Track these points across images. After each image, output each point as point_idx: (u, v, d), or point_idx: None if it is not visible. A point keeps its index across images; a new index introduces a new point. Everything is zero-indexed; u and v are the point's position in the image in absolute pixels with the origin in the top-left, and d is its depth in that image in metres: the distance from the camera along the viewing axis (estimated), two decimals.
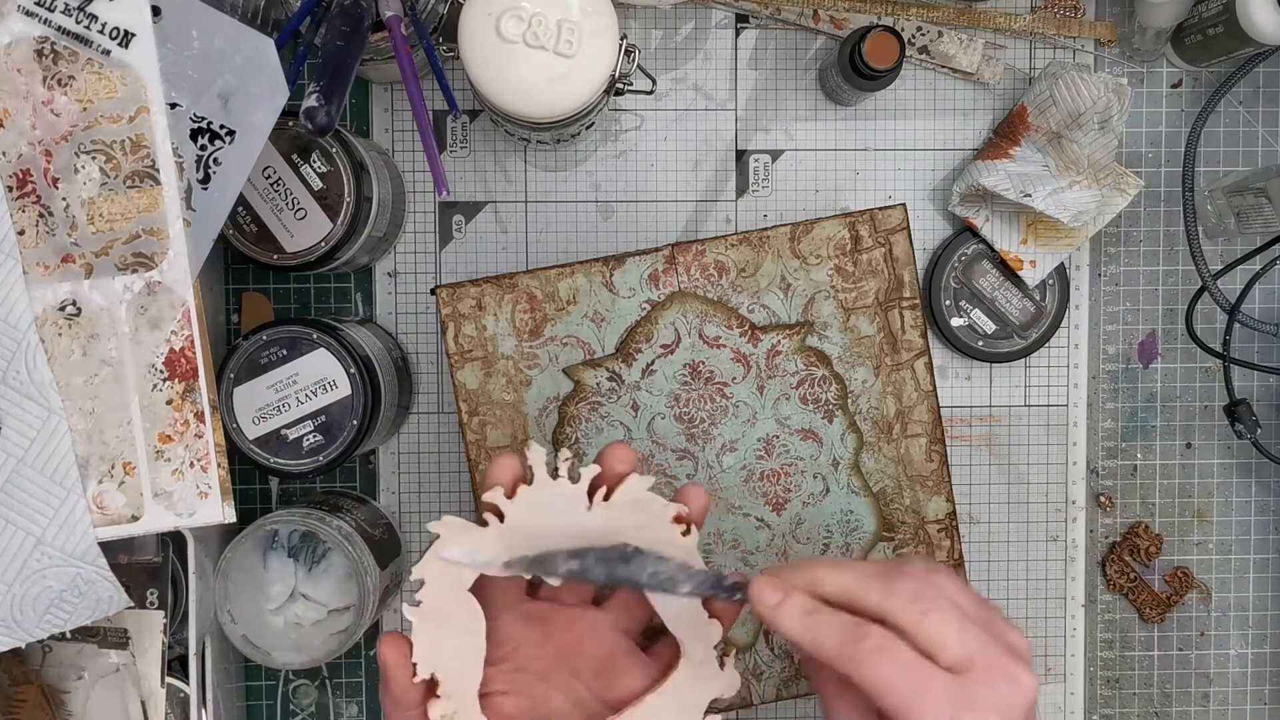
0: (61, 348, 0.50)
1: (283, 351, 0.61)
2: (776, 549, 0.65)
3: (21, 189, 0.49)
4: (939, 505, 0.65)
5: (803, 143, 0.72)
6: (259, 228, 0.61)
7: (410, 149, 0.71)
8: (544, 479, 0.47)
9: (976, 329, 0.71)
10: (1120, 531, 0.74)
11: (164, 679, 0.63)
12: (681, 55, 0.71)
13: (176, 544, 0.63)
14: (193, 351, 0.50)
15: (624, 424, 0.64)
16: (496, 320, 0.64)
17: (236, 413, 0.61)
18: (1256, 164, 0.73)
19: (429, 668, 0.46)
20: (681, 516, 0.48)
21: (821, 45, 0.71)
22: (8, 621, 0.50)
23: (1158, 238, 0.73)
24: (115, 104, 0.49)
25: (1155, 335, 0.73)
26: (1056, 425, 0.73)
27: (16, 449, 0.49)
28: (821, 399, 0.65)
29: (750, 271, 0.64)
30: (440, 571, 0.47)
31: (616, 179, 0.71)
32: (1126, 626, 0.74)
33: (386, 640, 0.47)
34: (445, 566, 0.47)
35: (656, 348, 0.64)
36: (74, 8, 0.48)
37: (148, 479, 0.50)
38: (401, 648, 0.46)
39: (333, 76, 0.53)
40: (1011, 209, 0.70)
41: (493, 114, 0.63)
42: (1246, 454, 0.74)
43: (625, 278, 0.64)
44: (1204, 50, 0.69)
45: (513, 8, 0.55)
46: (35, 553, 0.50)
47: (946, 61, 0.70)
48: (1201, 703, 0.74)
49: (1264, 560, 0.74)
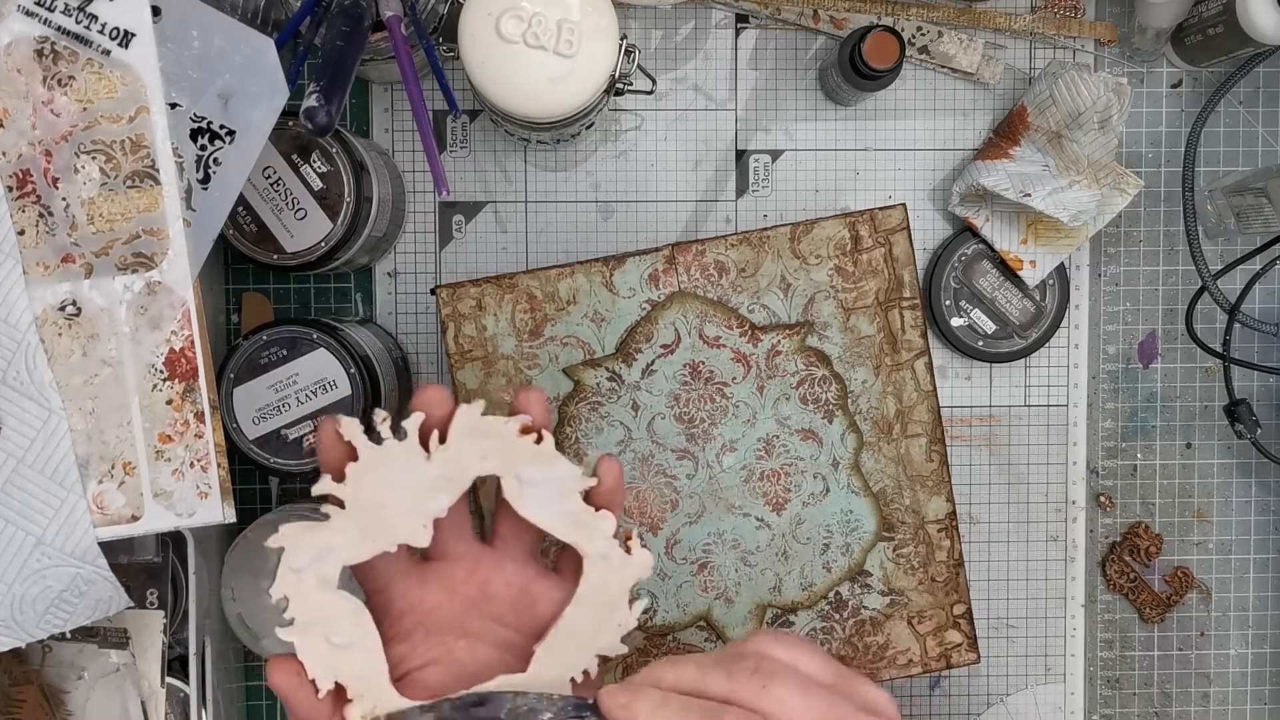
0: (61, 348, 0.50)
1: (283, 351, 0.61)
2: (776, 549, 0.65)
3: (21, 189, 0.49)
4: (939, 505, 0.65)
5: (803, 143, 0.72)
6: (259, 228, 0.61)
7: (410, 149, 0.71)
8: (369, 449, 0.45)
9: (976, 329, 0.71)
10: (1120, 531, 0.74)
11: (164, 679, 0.63)
12: (681, 55, 0.71)
13: (176, 544, 0.63)
14: (193, 351, 0.50)
15: (624, 424, 0.64)
16: (496, 320, 0.64)
17: (236, 413, 0.61)
18: (1256, 164, 0.73)
19: (329, 678, 0.44)
20: (528, 426, 0.46)
21: (821, 45, 0.71)
22: (8, 621, 0.50)
23: (1158, 238, 0.73)
24: (115, 104, 0.49)
25: (1155, 335, 0.73)
26: (1056, 425, 0.73)
27: (16, 449, 0.49)
28: (821, 399, 0.65)
29: (750, 271, 0.64)
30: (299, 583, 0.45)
31: (616, 179, 0.71)
32: (1126, 626, 0.74)
33: (274, 667, 0.44)
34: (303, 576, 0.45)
35: (656, 348, 0.64)
36: (74, 8, 0.48)
37: (148, 479, 0.50)
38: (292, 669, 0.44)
39: (333, 76, 0.53)
40: (1011, 209, 0.70)
41: (493, 114, 0.63)
42: (1246, 454, 0.74)
43: (625, 278, 0.64)
44: (1204, 50, 0.69)
45: (513, 8, 0.55)
46: (35, 553, 0.50)
47: (946, 61, 0.70)
48: (1201, 703, 0.74)
49: (1264, 560, 0.74)
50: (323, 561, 0.45)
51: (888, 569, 0.65)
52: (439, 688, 0.46)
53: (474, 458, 0.46)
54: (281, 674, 0.44)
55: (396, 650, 0.47)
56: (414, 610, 0.47)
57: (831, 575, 0.65)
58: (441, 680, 0.46)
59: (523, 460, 0.46)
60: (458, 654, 0.47)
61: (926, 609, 0.66)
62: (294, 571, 0.45)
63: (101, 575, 0.51)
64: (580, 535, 0.47)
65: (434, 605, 0.47)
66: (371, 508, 0.45)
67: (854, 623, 0.65)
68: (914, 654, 0.66)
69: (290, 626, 0.44)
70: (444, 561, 0.48)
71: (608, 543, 0.47)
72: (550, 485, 0.46)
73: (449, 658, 0.47)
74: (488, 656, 0.47)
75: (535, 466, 0.46)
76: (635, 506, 0.65)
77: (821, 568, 0.65)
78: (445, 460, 0.45)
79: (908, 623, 0.66)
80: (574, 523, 0.47)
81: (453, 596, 0.47)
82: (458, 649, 0.47)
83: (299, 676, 0.44)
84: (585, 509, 0.47)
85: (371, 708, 0.45)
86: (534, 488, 0.46)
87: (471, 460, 0.46)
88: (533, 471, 0.46)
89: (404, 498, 0.45)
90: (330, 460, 0.45)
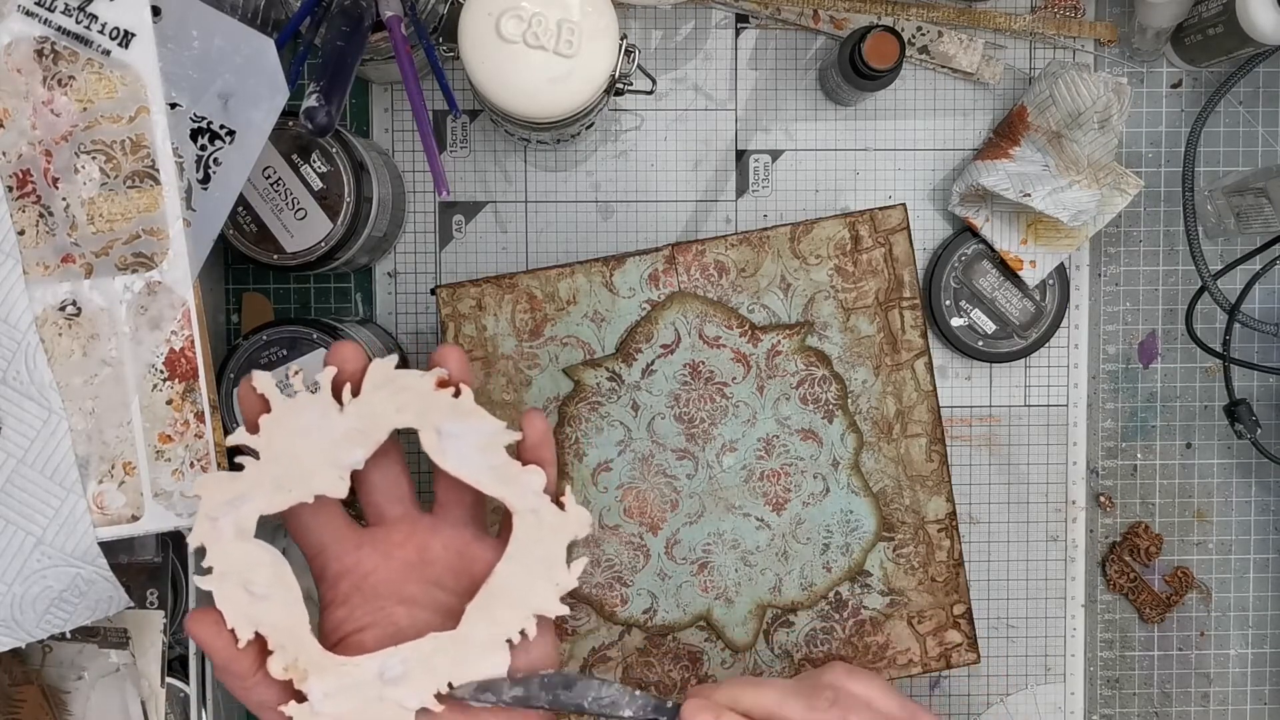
0: (61, 348, 0.50)
1: (283, 351, 0.61)
2: (776, 549, 0.65)
3: (21, 189, 0.49)
4: (939, 505, 0.65)
5: (803, 143, 0.72)
6: (259, 228, 0.61)
7: (410, 149, 0.71)
8: (280, 401, 0.45)
9: (976, 329, 0.71)
10: (1120, 531, 0.74)
11: (164, 679, 0.63)
12: (681, 55, 0.71)
13: (176, 544, 0.63)
14: (193, 351, 0.50)
15: (624, 424, 0.64)
16: (496, 320, 0.64)
17: (237, 413, 0.61)
18: (1256, 164, 0.73)
19: (249, 628, 0.44)
20: (444, 380, 0.46)
21: (821, 45, 0.71)
22: (8, 621, 0.50)
23: (1158, 238, 0.73)
24: (115, 104, 0.49)
25: (1155, 335, 0.73)
26: (1056, 425, 0.73)
27: (16, 449, 0.49)
28: (821, 399, 0.65)
29: (750, 271, 0.64)
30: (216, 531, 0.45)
31: (616, 179, 0.71)
32: (1126, 626, 0.74)
33: (192, 619, 0.44)
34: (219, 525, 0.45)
35: (656, 348, 0.64)
36: (74, 8, 0.48)
37: (148, 479, 0.50)
38: (211, 619, 0.44)
39: (333, 76, 0.53)
40: (1011, 209, 0.70)
41: (493, 114, 0.63)
42: (1246, 454, 0.74)
43: (625, 278, 0.64)
44: (1204, 50, 0.69)
45: (513, 8, 0.55)
46: (35, 553, 0.50)
47: (946, 61, 0.70)
48: (1201, 703, 0.74)
49: (1264, 560, 0.74)
50: (239, 510, 0.45)
51: (888, 569, 0.65)
52: (376, 651, 0.46)
53: (389, 410, 0.46)
54: (200, 624, 0.44)
55: (335, 614, 0.47)
56: (350, 574, 0.47)
57: (831, 575, 0.65)
58: (379, 644, 0.46)
59: (440, 414, 0.46)
60: (396, 618, 0.47)
61: (926, 609, 0.66)
62: (210, 520, 0.45)
63: (101, 575, 0.51)
64: (508, 490, 0.46)
65: (370, 569, 0.47)
66: (286, 458, 0.45)
67: (854, 623, 0.65)
68: (914, 654, 0.66)
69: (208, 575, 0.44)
70: (381, 526, 0.48)
71: (538, 498, 0.47)
72: (473, 438, 0.46)
73: (386, 621, 0.47)
74: (427, 621, 0.47)
75: (454, 420, 0.46)
76: (635, 506, 0.65)
77: (821, 568, 0.65)
78: (359, 413, 0.45)
79: (908, 623, 0.66)
80: (500, 477, 0.46)
81: (389, 560, 0.47)
82: (396, 613, 0.47)
83: (217, 625, 0.44)
84: (512, 463, 0.46)
85: (294, 659, 0.44)
86: (454, 441, 0.46)
87: (386, 412, 0.46)
88: (452, 425, 0.46)
89: (319, 449, 0.45)
90: (246, 413, 0.45)
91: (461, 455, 0.46)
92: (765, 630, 0.65)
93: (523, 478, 0.47)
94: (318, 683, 0.45)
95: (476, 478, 0.47)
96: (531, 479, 0.47)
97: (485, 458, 0.46)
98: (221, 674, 0.45)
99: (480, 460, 0.46)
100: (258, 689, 0.45)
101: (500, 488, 0.47)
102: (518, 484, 0.47)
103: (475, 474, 0.46)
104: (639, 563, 0.65)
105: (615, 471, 0.64)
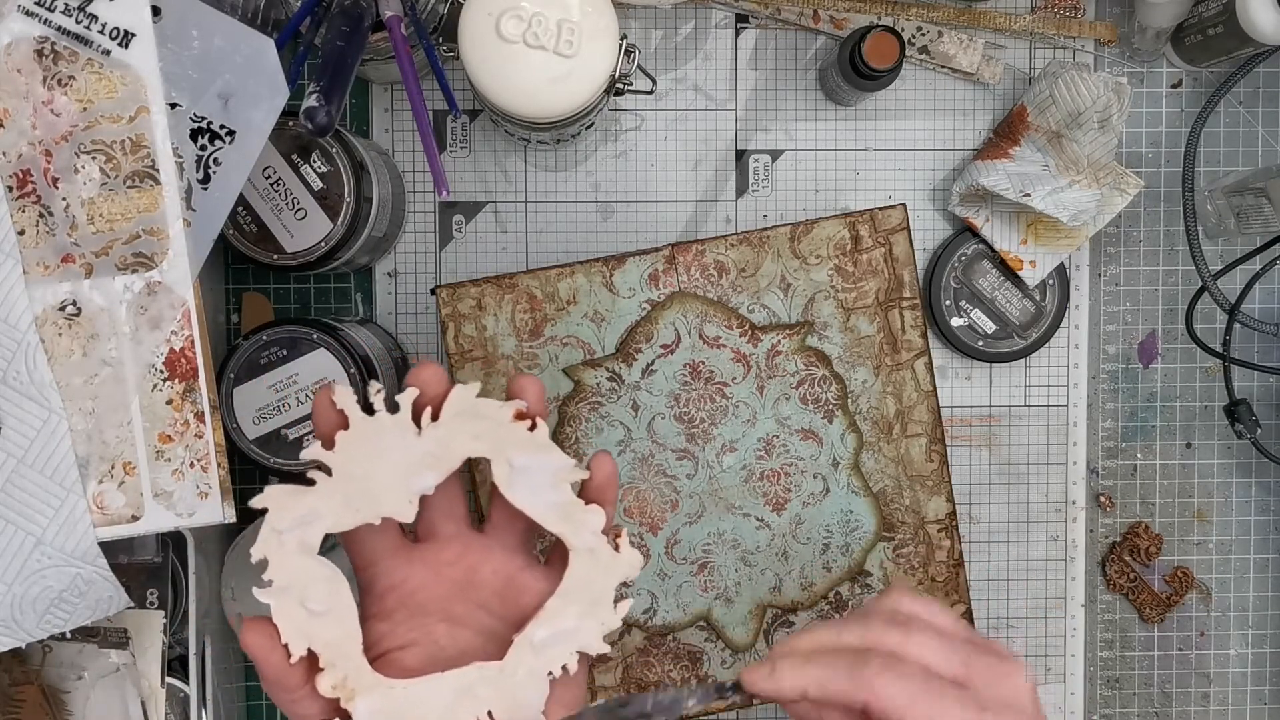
0: (61, 348, 0.50)
1: (283, 351, 0.61)
2: (776, 549, 0.65)
3: (21, 189, 0.49)
4: (939, 505, 0.65)
5: (803, 143, 0.72)
6: (259, 228, 0.61)
7: (410, 149, 0.71)
8: (361, 419, 0.45)
9: (976, 329, 0.71)
10: (1120, 531, 0.74)
11: (164, 679, 0.63)
12: (681, 55, 0.71)
13: (176, 544, 0.63)
14: (193, 351, 0.50)
15: (624, 424, 0.64)
16: (496, 320, 0.64)
17: (236, 413, 0.61)
18: (1256, 164, 0.73)
19: (302, 643, 0.44)
20: (522, 412, 0.46)
21: (821, 45, 0.71)
22: (8, 621, 0.50)
23: (1158, 238, 0.73)
24: (115, 104, 0.49)
25: (1155, 335, 0.73)
26: (1056, 425, 0.73)
27: (16, 449, 0.49)
28: (821, 399, 0.65)
29: (750, 271, 0.64)
30: (280, 545, 0.44)
31: (616, 179, 0.71)
32: (1126, 626, 0.74)
33: (248, 627, 0.44)
34: (284, 539, 0.44)
35: (656, 348, 0.64)
36: (74, 8, 0.48)
37: (148, 479, 0.50)
38: (266, 631, 0.44)
39: (333, 76, 0.53)
40: (1011, 209, 0.70)
41: (493, 114, 0.63)
42: (1246, 454, 0.74)
43: (625, 278, 0.64)
44: (1204, 50, 0.69)
45: (513, 8, 0.55)
46: (35, 553, 0.50)
47: (946, 61, 0.70)
48: (1201, 703, 0.74)
49: (1264, 560, 0.74)
50: (306, 527, 0.44)
51: (888, 569, 0.65)
52: (416, 669, 0.46)
53: (465, 438, 0.45)
54: (255, 635, 0.44)
55: (377, 628, 0.46)
56: (397, 589, 0.47)
57: (831, 575, 0.65)
58: (419, 662, 0.46)
59: (514, 446, 0.46)
60: (437, 637, 0.47)
61: None
62: (276, 533, 0.44)
63: (101, 575, 0.51)
64: (568, 527, 0.47)
65: (418, 586, 0.47)
66: (358, 478, 0.45)
67: None
68: None
69: (268, 588, 0.44)
70: (433, 543, 0.48)
71: (595, 538, 0.47)
72: (541, 473, 0.46)
73: (428, 640, 0.47)
74: (468, 642, 0.47)
75: (527, 453, 0.46)
76: (635, 506, 0.65)
77: (821, 568, 0.65)
78: (435, 438, 0.45)
79: None
80: (563, 514, 0.47)
81: (438, 579, 0.47)
82: (438, 632, 0.47)
83: (272, 639, 0.44)
84: (575, 501, 0.47)
85: (342, 678, 0.44)
86: (525, 474, 0.46)
87: (462, 440, 0.45)
88: (525, 458, 0.46)
89: (391, 471, 0.45)
90: (323, 427, 0.45)
91: (529, 488, 0.46)
92: (765, 630, 0.65)
93: (584, 516, 0.47)
94: (363, 702, 0.45)
95: (541, 513, 0.47)
96: (592, 518, 0.47)
97: (551, 493, 0.46)
98: (269, 685, 0.45)
99: (546, 495, 0.46)
100: (303, 703, 0.45)
101: (561, 524, 0.47)
102: (578, 522, 0.47)
103: (540, 509, 0.47)
104: None
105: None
